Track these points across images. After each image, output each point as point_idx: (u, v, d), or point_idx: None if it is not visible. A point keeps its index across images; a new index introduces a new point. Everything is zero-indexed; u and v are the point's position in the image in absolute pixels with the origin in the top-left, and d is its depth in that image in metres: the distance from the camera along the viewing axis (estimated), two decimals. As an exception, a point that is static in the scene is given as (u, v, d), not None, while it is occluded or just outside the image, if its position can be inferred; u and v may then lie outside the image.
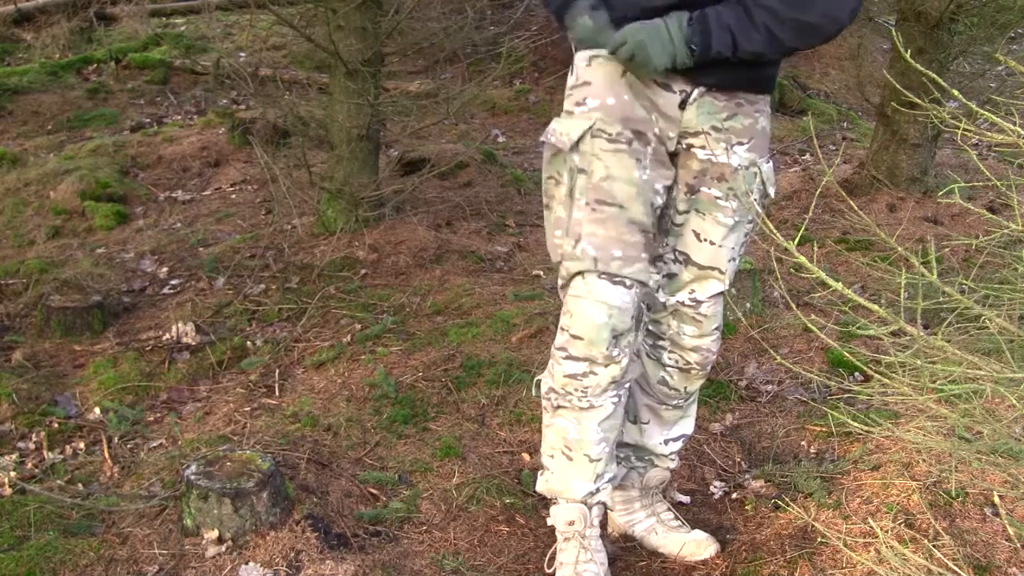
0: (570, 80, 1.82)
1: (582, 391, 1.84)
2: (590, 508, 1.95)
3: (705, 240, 1.87)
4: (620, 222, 1.77)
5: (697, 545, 2.09)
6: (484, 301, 3.30)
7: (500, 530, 2.22)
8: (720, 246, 1.87)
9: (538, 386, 1.94)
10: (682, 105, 1.77)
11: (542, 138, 1.85)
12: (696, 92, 1.76)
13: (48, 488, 2.33)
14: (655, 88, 1.76)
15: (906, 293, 1.38)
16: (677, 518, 2.16)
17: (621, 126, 1.76)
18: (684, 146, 1.81)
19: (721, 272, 1.89)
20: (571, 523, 1.95)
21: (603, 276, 1.79)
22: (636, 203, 1.78)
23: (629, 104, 1.76)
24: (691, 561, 2.08)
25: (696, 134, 1.79)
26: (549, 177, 1.84)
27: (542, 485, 1.99)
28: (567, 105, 1.82)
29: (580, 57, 1.80)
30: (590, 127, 1.76)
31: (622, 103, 1.76)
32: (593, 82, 1.77)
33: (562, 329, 1.85)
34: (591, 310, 1.79)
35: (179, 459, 2.42)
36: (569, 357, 1.82)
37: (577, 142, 1.76)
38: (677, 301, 1.93)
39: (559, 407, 1.88)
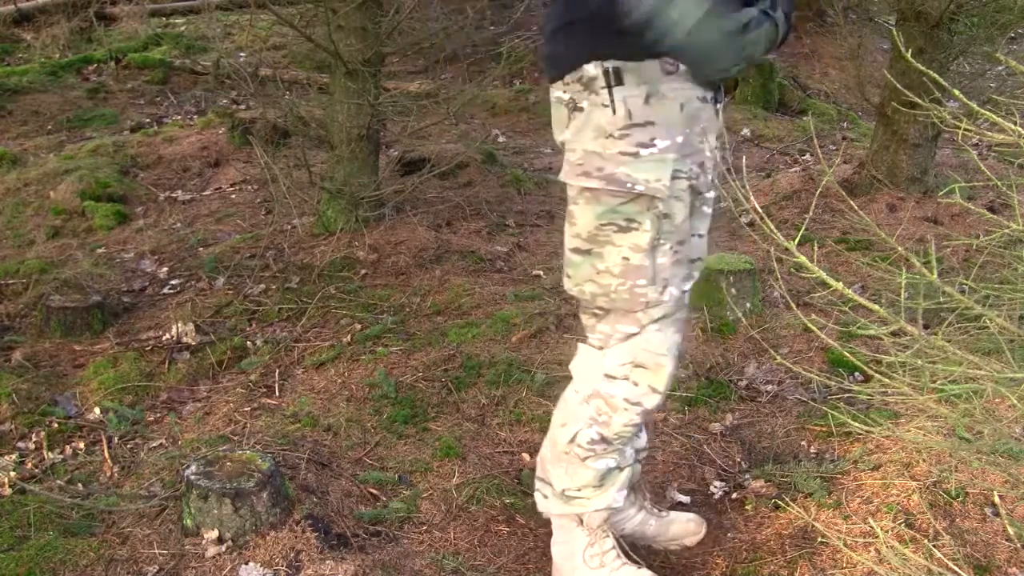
0: (616, 118, 1.65)
1: (635, 427, 1.87)
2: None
3: (695, 235, 1.86)
4: (684, 253, 1.77)
5: (686, 525, 2.13)
6: (484, 301, 3.30)
7: (500, 530, 2.22)
8: (704, 236, 1.88)
9: (573, 439, 1.88)
10: (716, 113, 1.76)
11: (597, 184, 1.68)
12: (725, 97, 1.78)
13: (48, 488, 2.33)
14: (702, 105, 1.70)
15: (906, 293, 1.38)
16: (655, 505, 2.18)
17: (691, 162, 1.69)
18: None
19: (702, 260, 1.91)
20: (605, 519, 1.97)
21: (678, 332, 1.81)
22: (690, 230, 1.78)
23: (691, 138, 1.68)
24: (686, 543, 2.12)
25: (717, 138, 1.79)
26: (606, 224, 1.70)
27: (576, 508, 1.94)
28: (624, 146, 1.65)
29: (632, 94, 1.63)
30: (674, 170, 1.66)
31: (687, 138, 1.67)
32: (657, 122, 1.64)
33: (630, 381, 1.81)
34: (671, 365, 1.81)
35: (179, 459, 2.42)
36: (644, 412, 1.84)
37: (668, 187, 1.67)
38: None
39: (607, 452, 1.88)
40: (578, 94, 1.69)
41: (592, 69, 1.65)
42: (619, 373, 1.81)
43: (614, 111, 1.64)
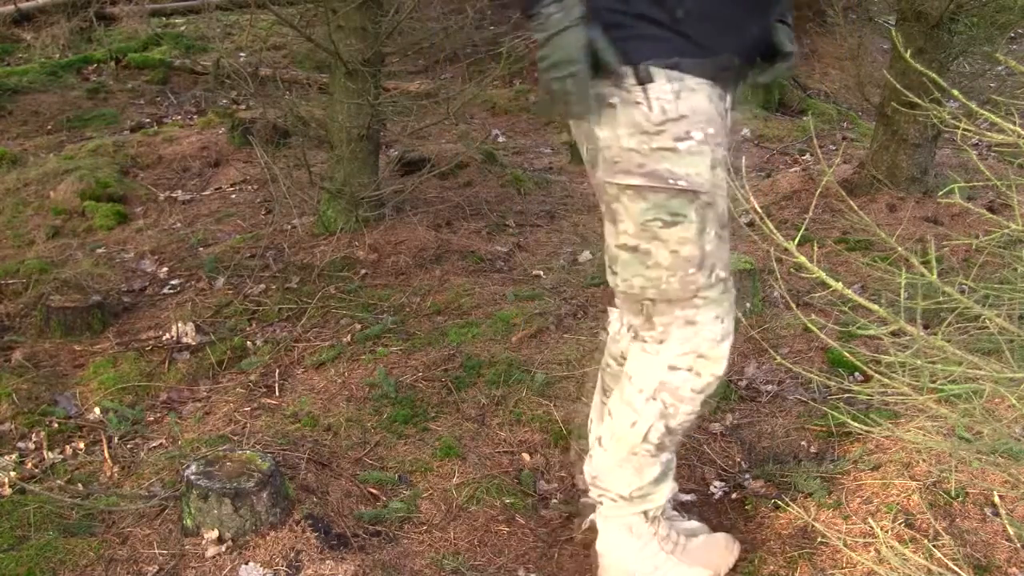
0: (651, 114, 1.65)
1: (695, 416, 1.88)
2: None
3: None
4: (726, 236, 1.78)
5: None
6: (484, 301, 3.30)
7: (500, 530, 2.22)
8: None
9: (645, 437, 1.88)
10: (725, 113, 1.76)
11: (640, 181, 1.68)
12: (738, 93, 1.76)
13: (48, 488, 2.33)
14: (720, 102, 1.71)
15: (906, 293, 1.38)
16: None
17: (723, 150, 1.70)
18: None
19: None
20: (662, 512, 1.97)
21: (732, 320, 1.81)
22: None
23: (721, 128, 1.70)
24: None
25: None
26: (651, 220, 1.71)
27: (643, 506, 1.94)
28: (661, 142, 1.66)
29: (662, 90, 1.64)
30: (713, 159, 1.68)
31: (717, 129, 1.69)
32: (689, 115, 1.65)
33: (693, 372, 1.81)
34: (729, 352, 1.81)
35: (179, 459, 2.42)
36: (705, 400, 1.85)
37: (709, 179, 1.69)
38: None
39: (671, 445, 1.89)
40: (607, 89, 1.67)
41: (622, 67, 1.65)
42: (682, 364, 1.80)
43: (649, 107, 1.65)
